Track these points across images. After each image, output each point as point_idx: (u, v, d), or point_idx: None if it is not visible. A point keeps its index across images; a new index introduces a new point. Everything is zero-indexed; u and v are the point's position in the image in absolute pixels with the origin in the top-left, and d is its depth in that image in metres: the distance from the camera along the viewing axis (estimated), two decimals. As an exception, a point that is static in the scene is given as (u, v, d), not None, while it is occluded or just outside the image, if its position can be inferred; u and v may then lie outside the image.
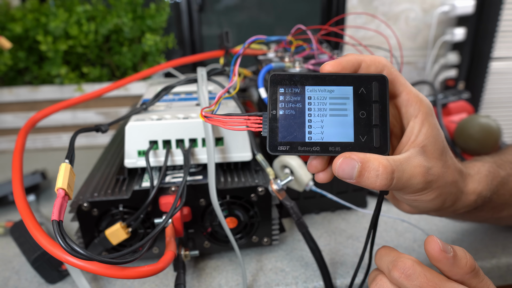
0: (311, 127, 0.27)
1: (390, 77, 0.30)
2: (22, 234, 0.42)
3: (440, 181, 0.30)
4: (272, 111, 0.27)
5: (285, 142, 0.27)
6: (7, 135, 0.83)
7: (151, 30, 0.83)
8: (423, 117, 0.30)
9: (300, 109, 0.27)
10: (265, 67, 0.44)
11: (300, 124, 0.27)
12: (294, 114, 0.27)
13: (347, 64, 0.29)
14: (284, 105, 0.27)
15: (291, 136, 0.27)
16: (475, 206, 0.35)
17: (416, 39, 1.03)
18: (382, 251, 0.30)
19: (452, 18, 1.01)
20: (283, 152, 0.27)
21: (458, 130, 0.63)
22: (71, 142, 0.36)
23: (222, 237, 0.43)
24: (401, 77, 0.30)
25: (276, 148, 0.27)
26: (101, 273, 0.28)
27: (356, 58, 0.29)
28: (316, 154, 0.27)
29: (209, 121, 0.31)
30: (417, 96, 0.30)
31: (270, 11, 1.04)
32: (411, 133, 0.30)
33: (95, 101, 0.82)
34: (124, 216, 0.39)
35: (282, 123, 0.27)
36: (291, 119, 0.27)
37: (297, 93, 0.28)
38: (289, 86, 0.28)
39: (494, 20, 0.95)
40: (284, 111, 0.27)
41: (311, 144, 0.27)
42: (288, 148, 0.27)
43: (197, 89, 0.45)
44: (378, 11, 0.99)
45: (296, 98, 0.28)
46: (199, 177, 0.41)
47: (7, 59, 0.76)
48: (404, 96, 0.30)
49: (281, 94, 0.28)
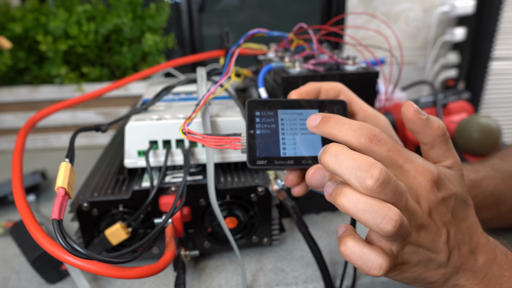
0: (285, 144, 0.31)
1: (346, 98, 0.34)
2: (22, 234, 0.42)
3: None
4: (250, 131, 0.31)
5: (263, 157, 0.30)
6: (7, 135, 0.83)
7: (151, 30, 0.83)
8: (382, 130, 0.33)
9: (274, 129, 0.31)
10: (265, 67, 0.44)
11: (275, 142, 0.31)
12: (269, 133, 0.31)
13: (309, 91, 0.34)
14: (260, 126, 0.31)
15: (267, 152, 0.30)
16: None
17: (416, 39, 1.03)
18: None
19: (452, 18, 1.01)
20: (261, 166, 0.30)
21: (458, 130, 0.63)
22: (71, 142, 0.36)
23: (222, 237, 0.43)
24: (356, 98, 0.35)
25: (255, 162, 0.30)
26: (101, 273, 0.28)
27: (316, 85, 0.34)
28: (290, 167, 0.30)
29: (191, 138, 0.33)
30: (373, 113, 0.34)
31: (270, 11, 1.04)
32: None
33: (95, 101, 0.82)
34: (124, 216, 0.39)
35: (259, 141, 0.30)
36: (267, 137, 0.31)
37: (271, 116, 0.32)
38: (263, 110, 0.32)
39: (494, 20, 0.95)
40: (260, 130, 0.31)
41: (286, 159, 0.30)
42: (266, 162, 0.30)
43: (197, 89, 0.45)
44: (378, 11, 0.99)
45: (270, 120, 0.31)
46: (199, 177, 0.41)
47: (7, 59, 0.76)
48: (361, 113, 0.34)
49: (257, 117, 0.31)
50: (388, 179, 0.23)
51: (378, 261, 0.24)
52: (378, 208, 0.23)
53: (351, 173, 0.23)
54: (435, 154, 0.29)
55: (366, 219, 0.23)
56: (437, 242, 0.26)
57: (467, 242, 0.28)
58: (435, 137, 0.28)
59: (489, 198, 0.41)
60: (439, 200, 0.26)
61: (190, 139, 0.33)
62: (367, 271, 0.24)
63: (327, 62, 0.48)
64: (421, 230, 0.25)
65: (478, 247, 0.28)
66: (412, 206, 0.25)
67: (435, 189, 0.26)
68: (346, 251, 0.25)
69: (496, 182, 0.42)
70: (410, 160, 0.26)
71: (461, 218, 0.28)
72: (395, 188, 0.23)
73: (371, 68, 0.45)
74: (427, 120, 0.28)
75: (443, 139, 0.28)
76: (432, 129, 0.28)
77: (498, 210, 0.43)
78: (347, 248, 0.25)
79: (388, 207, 0.23)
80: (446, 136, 0.28)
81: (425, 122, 0.27)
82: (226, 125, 0.42)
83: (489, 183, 0.41)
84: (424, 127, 0.28)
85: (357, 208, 0.23)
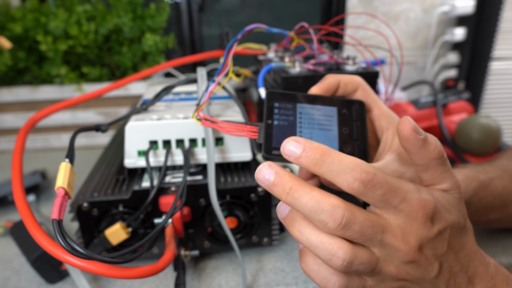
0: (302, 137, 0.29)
1: (363, 93, 0.34)
2: (22, 234, 0.42)
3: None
4: (267, 121, 0.31)
5: (279, 147, 0.29)
6: (7, 135, 0.83)
7: (151, 30, 0.83)
8: (394, 130, 0.33)
9: (292, 122, 0.31)
10: (265, 67, 0.44)
11: (292, 134, 0.30)
12: (287, 125, 0.31)
13: (330, 86, 0.33)
14: (278, 117, 0.31)
15: None
16: None
17: (416, 39, 1.03)
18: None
19: (452, 18, 1.01)
20: (277, 156, 0.30)
21: (458, 130, 0.63)
22: (71, 142, 0.36)
23: (222, 237, 0.43)
24: (373, 95, 0.34)
25: (271, 151, 0.30)
26: (101, 273, 0.28)
27: (335, 78, 0.34)
28: None
29: (206, 124, 0.33)
30: (387, 112, 0.34)
31: (270, 11, 1.04)
32: (385, 144, 0.33)
33: (95, 101, 0.82)
34: (124, 216, 0.39)
35: (276, 131, 0.30)
36: (285, 129, 0.31)
37: (289, 108, 0.31)
38: (283, 102, 0.32)
39: (494, 20, 0.95)
40: (278, 121, 0.31)
41: None
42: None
43: (197, 89, 0.45)
44: (378, 11, 0.99)
45: (289, 112, 0.31)
46: (199, 177, 0.41)
47: (7, 59, 0.76)
48: (376, 111, 0.34)
49: (276, 108, 0.31)
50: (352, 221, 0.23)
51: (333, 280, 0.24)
52: (328, 245, 0.23)
53: (313, 216, 0.23)
54: (429, 176, 0.27)
55: (318, 254, 0.24)
56: (427, 276, 0.25)
57: (464, 272, 0.27)
58: (430, 159, 0.26)
59: (498, 199, 0.41)
60: (433, 235, 0.25)
61: (205, 125, 0.33)
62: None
63: (327, 62, 0.47)
64: (407, 266, 0.25)
65: (476, 276, 0.27)
66: (392, 243, 0.24)
67: (429, 224, 0.25)
68: (306, 268, 0.26)
69: (505, 183, 0.42)
70: (405, 199, 0.24)
71: (458, 247, 0.27)
72: (362, 227, 0.23)
73: (371, 68, 0.45)
74: (424, 140, 0.25)
75: (439, 162, 0.26)
76: (428, 151, 0.26)
77: (507, 211, 0.42)
78: (306, 266, 0.26)
79: (338, 244, 0.23)
80: (443, 158, 0.26)
81: (422, 142, 0.25)
82: (226, 125, 0.42)
83: (498, 184, 0.41)
84: (420, 148, 0.26)
85: (309, 242, 0.24)
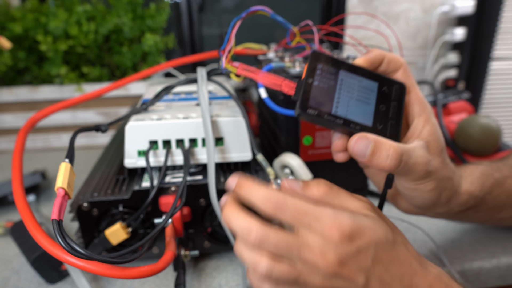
0: (339, 103, 0.31)
1: (404, 75, 0.34)
2: (22, 234, 0.42)
3: (438, 174, 0.33)
4: (308, 79, 0.30)
5: (315, 107, 0.30)
6: (7, 135, 0.83)
7: (151, 30, 0.83)
8: (427, 117, 0.33)
9: (332, 86, 0.31)
10: (265, 67, 0.44)
11: (330, 98, 0.31)
12: (326, 88, 0.31)
13: (374, 59, 0.33)
14: (319, 78, 0.31)
15: (320, 105, 0.30)
16: (467, 206, 0.38)
17: (416, 39, 1.03)
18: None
19: (452, 18, 1.01)
20: (311, 115, 0.30)
21: (458, 130, 0.63)
22: (71, 142, 0.36)
23: (222, 237, 0.43)
24: (412, 79, 0.34)
25: (306, 109, 0.30)
26: (101, 273, 0.28)
27: (380, 53, 0.34)
28: (338, 126, 0.31)
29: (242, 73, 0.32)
30: (422, 98, 0.34)
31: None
32: (416, 129, 0.33)
33: (95, 101, 0.82)
34: (124, 216, 0.39)
35: (314, 92, 0.30)
36: (323, 91, 0.31)
37: (332, 73, 0.31)
38: (327, 65, 0.31)
39: (494, 20, 0.95)
40: (318, 83, 0.31)
41: (336, 117, 0.30)
42: (316, 114, 0.30)
43: (197, 89, 0.45)
44: (378, 11, 0.99)
45: (331, 76, 0.31)
46: (199, 177, 0.41)
47: (7, 59, 0.76)
48: (413, 95, 0.34)
49: (319, 69, 0.31)
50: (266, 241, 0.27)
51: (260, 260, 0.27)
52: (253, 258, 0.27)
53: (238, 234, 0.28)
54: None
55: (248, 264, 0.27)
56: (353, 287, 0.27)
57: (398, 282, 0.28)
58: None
59: (511, 197, 0.41)
60: (353, 252, 0.27)
61: (241, 73, 0.33)
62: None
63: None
64: (331, 279, 0.27)
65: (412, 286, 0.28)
66: (310, 258, 0.26)
67: (347, 241, 0.27)
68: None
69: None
70: (317, 219, 0.27)
71: (388, 260, 0.28)
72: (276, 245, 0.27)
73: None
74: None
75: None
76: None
77: None
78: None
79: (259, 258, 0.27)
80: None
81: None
82: (226, 125, 0.42)
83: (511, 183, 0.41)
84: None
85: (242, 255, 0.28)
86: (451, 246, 0.46)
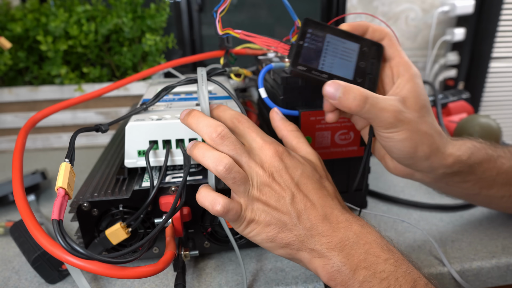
0: (324, 61, 0.37)
1: (389, 43, 0.38)
2: (22, 234, 0.42)
3: (412, 126, 0.35)
4: (299, 41, 0.37)
5: (304, 64, 0.37)
6: (7, 135, 0.83)
7: (151, 30, 0.83)
8: (409, 77, 0.36)
9: (319, 47, 0.37)
10: (265, 67, 0.44)
11: (317, 56, 0.37)
12: (314, 48, 0.37)
13: (358, 26, 0.39)
14: (309, 41, 0.37)
15: (309, 62, 0.37)
16: (453, 169, 0.39)
17: (416, 39, 1.03)
18: None
19: (452, 18, 1.01)
20: (300, 70, 0.36)
21: (458, 130, 0.63)
22: (71, 142, 0.36)
23: (222, 237, 0.43)
24: (397, 45, 0.39)
25: (296, 65, 0.36)
26: (101, 273, 0.28)
27: (366, 24, 0.39)
28: (323, 79, 0.36)
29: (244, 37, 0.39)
30: (406, 61, 0.37)
31: (270, 11, 1.04)
32: (398, 87, 0.37)
33: (95, 101, 0.82)
34: (124, 216, 0.39)
35: (304, 51, 0.37)
36: (312, 51, 0.37)
37: (320, 36, 0.38)
38: (316, 30, 0.38)
39: (494, 20, 0.95)
40: (308, 44, 0.37)
41: (322, 72, 0.37)
42: (305, 69, 0.36)
43: (197, 89, 0.45)
44: (378, 11, 0.99)
45: (319, 39, 0.38)
46: (199, 177, 0.41)
47: (7, 59, 0.76)
48: (397, 59, 0.38)
49: (309, 33, 0.37)
50: (228, 135, 0.32)
51: (218, 200, 0.32)
52: (217, 155, 0.32)
53: (204, 130, 0.33)
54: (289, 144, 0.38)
55: (208, 164, 0.32)
56: (281, 202, 0.32)
57: (319, 209, 0.32)
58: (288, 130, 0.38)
59: (502, 175, 0.41)
60: (281, 167, 0.33)
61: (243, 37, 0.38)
62: (211, 208, 0.32)
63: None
64: (264, 187, 0.32)
65: (332, 216, 0.32)
66: (253, 165, 0.32)
67: (278, 158, 0.33)
68: (198, 196, 0.33)
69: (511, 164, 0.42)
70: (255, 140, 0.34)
71: (312, 188, 0.33)
72: (234, 143, 0.32)
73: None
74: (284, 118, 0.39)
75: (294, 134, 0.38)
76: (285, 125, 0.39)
77: (510, 190, 0.43)
78: (199, 193, 0.33)
79: (224, 156, 0.31)
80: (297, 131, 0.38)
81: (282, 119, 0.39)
82: (226, 125, 0.42)
83: (504, 162, 0.41)
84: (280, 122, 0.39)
85: (203, 156, 0.32)
86: (451, 246, 0.46)
